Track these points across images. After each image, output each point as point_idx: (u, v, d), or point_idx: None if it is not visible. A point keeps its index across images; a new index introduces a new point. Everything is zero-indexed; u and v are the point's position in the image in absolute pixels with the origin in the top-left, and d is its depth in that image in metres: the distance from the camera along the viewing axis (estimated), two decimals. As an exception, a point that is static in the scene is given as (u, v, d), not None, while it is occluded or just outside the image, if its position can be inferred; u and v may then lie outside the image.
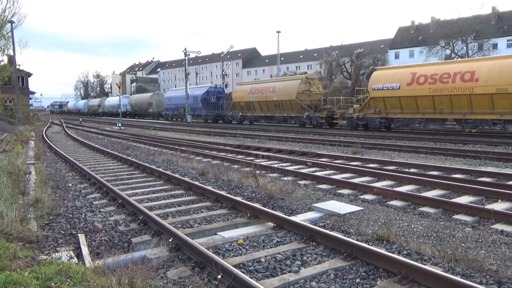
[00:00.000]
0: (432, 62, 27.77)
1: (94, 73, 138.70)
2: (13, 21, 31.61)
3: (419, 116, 21.47)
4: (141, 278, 3.58)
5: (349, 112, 26.00)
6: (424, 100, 20.93)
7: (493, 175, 9.07)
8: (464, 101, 19.37)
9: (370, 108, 23.91)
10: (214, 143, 17.87)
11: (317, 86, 30.86)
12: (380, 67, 31.61)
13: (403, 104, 22.04)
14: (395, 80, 22.36)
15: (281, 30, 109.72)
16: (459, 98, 19.45)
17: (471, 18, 47.15)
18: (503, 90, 17.78)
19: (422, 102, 21.09)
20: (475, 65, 19.45)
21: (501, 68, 18.24)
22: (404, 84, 21.72)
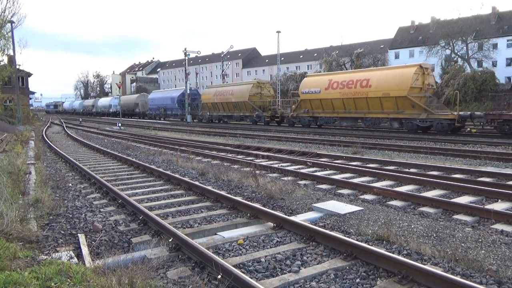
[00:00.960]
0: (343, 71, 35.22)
1: (94, 73, 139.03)
2: (13, 21, 31.65)
3: (335, 115, 26.60)
4: (141, 278, 3.58)
5: (287, 112, 31.28)
6: (337, 102, 25.82)
7: (493, 175, 9.07)
8: (363, 103, 24.16)
9: (301, 108, 28.99)
10: (214, 143, 17.88)
11: (268, 90, 35.93)
12: (309, 74, 37.65)
13: (323, 105, 26.97)
14: (317, 85, 27.33)
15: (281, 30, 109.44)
16: (360, 101, 24.28)
17: (471, 18, 47.18)
18: (387, 94, 22.66)
19: (336, 103, 25.99)
20: (369, 74, 24.70)
21: (386, 77, 23.13)
22: (323, 89, 26.63)
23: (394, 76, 22.75)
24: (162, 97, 48.47)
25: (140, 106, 54.08)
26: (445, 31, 47.16)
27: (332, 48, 61.16)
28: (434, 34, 53.50)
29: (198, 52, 47.06)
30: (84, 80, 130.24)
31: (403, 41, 66.73)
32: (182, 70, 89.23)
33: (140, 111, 53.26)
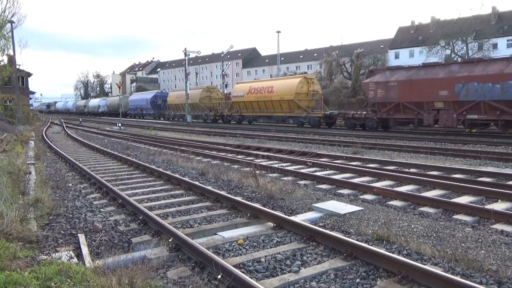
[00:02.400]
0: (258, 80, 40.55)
1: (94, 73, 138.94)
2: (13, 21, 31.62)
3: (255, 114, 34.46)
4: (141, 278, 3.58)
5: (224, 112, 38.51)
6: (254, 103, 33.65)
7: (493, 175, 9.07)
8: (270, 104, 32.06)
9: (233, 109, 36.83)
10: (214, 143, 17.88)
11: (216, 93, 43.77)
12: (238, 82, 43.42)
13: (247, 106, 34.70)
14: (242, 91, 35.07)
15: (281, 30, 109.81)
16: (268, 103, 32.18)
17: (471, 18, 47.17)
18: (283, 98, 30.20)
19: (254, 105, 33.84)
20: (273, 82, 33.03)
21: (282, 85, 31.06)
22: (245, 93, 34.30)
23: (286, 84, 30.83)
24: (139, 98, 56.17)
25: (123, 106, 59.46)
26: (445, 31, 47.15)
27: (332, 48, 61.14)
28: (434, 34, 53.50)
29: (198, 52, 47.12)
30: (84, 80, 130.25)
31: (403, 41, 66.74)
32: (182, 70, 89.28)
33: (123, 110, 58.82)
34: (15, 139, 19.90)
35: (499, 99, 17.91)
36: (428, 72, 21.11)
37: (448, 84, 19.69)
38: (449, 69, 20.42)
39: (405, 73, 22.44)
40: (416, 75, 21.59)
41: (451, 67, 20.62)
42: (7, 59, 35.30)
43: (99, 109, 69.70)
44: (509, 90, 17.50)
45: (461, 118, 19.52)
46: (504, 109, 17.89)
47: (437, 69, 21.00)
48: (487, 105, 18.43)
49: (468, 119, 19.28)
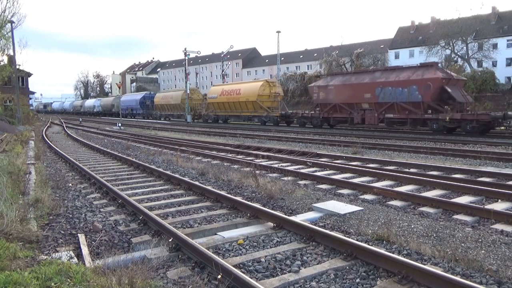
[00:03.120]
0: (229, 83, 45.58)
1: (94, 73, 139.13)
2: (13, 21, 31.64)
3: (227, 114, 38.37)
4: (141, 278, 3.58)
5: (202, 111, 42.47)
6: (226, 104, 37.64)
7: (493, 175, 9.07)
8: (238, 105, 36.02)
9: (209, 109, 41.05)
10: (214, 143, 17.88)
11: (197, 95, 47.87)
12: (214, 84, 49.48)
13: (220, 107, 38.63)
14: (216, 93, 39.01)
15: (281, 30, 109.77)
16: (236, 103, 36.13)
17: (471, 18, 47.14)
18: (248, 99, 34.29)
19: (225, 105, 37.84)
20: (240, 85, 37.49)
21: (247, 88, 35.47)
22: (218, 95, 38.29)
23: (250, 87, 35.18)
24: (129, 99, 60.89)
25: (115, 106, 62.75)
26: (445, 31, 47.11)
27: (332, 48, 61.11)
28: (434, 34, 53.44)
29: (198, 52, 47.20)
30: (84, 80, 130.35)
31: (403, 41, 66.73)
32: (182, 70, 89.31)
33: (115, 110, 62.34)
34: (15, 139, 19.90)
35: (407, 101, 21.63)
36: (357, 78, 24.95)
37: (371, 88, 23.29)
38: (373, 75, 24.17)
39: (341, 78, 26.49)
40: (348, 80, 25.41)
41: (374, 74, 24.41)
42: (7, 59, 35.36)
43: (95, 109, 74.09)
44: (413, 94, 21.29)
45: (381, 117, 23.15)
46: (411, 109, 21.60)
47: (364, 75, 24.91)
48: (399, 106, 22.08)
49: (386, 117, 22.93)
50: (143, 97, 56.17)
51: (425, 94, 20.66)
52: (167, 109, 49.70)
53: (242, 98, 35.07)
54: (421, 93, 20.85)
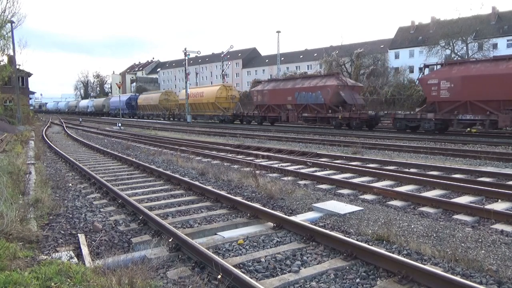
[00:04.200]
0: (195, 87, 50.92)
1: (94, 73, 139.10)
2: (13, 21, 31.62)
3: (198, 113, 43.17)
4: (141, 278, 3.58)
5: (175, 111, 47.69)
6: (193, 105, 42.98)
7: (493, 175, 9.07)
8: (201, 106, 41.85)
9: (181, 109, 46.44)
10: (214, 143, 17.88)
11: (174, 97, 52.56)
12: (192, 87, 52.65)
13: (191, 107, 43.32)
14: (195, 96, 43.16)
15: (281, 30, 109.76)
16: (200, 104, 41.86)
17: (471, 18, 47.15)
18: (209, 100, 40.06)
19: (193, 106, 42.95)
20: (203, 89, 43.52)
21: (207, 91, 41.31)
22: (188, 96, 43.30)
23: (210, 91, 41.08)
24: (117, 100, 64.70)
25: (106, 107, 68.80)
26: (445, 31, 47.13)
27: (332, 48, 61.09)
28: (434, 34, 53.47)
29: (198, 52, 47.18)
30: (84, 80, 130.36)
31: (403, 41, 66.75)
32: (182, 70, 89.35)
33: (106, 110, 68.57)
34: (15, 139, 19.90)
35: (315, 103, 27.56)
36: (284, 84, 31.43)
37: (292, 92, 29.39)
38: (294, 82, 30.77)
39: (273, 84, 32.71)
40: (277, 86, 31.68)
41: (295, 81, 31.02)
42: (7, 59, 35.30)
43: (88, 109, 79.78)
44: (319, 97, 27.15)
45: (299, 116, 29.20)
46: (318, 110, 27.62)
47: (288, 82, 31.75)
48: (310, 107, 28.04)
49: (303, 116, 29.06)
50: (128, 98, 62.19)
51: (326, 97, 26.69)
52: (148, 109, 55.99)
53: (204, 100, 41.21)
54: (323, 97, 26.83)
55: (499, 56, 21.16)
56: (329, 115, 26.73)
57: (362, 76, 47.00)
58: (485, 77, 18.66)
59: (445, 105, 20.40)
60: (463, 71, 19.89)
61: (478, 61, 21.31)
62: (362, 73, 47.55)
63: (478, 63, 20.46)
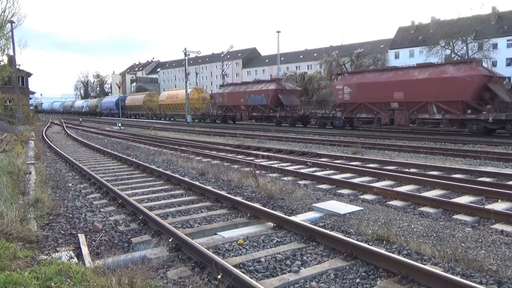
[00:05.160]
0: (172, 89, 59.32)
1: (94, 73, 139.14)
2: (13, 21, 31.61)
3: (174, 112, 49.31)
4: (141, 278, 3.58)
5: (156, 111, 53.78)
6: (170, 106, 49.46)
7: (493, 175, 9.07)
8: (177, 106, 48.06)
9: (161, 109, 52.82)
10: (214, 143, 17.87)
11: (156, 98, 56.95)
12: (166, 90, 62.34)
13: (167, 108, 50.70)
14: (164, 96, 51.80)
15: (281, 30, 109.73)
16: (175, 105, 48.35)
17: (471, 18, 47.14)
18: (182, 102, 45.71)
19: (170, 106, 49.66)
20: (178, 91, 49.49)
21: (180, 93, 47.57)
22: (166, 98, 50.87)
23: (183, 93, 46.13)
24: (108, 101, 71.55)
25: (99, 107, 74.50)
26: (445, 31, 47.11)
27: (332, 48, 61.10)
28: (434, 34, 53.47)
29: (198, 52, 47.22)
30: (84, 80, 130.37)
31: (403, 41, 66.76)
32: (182, 70, 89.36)
33: (98, 110, 74.40)
34: (15, 139, 19.89)
35: (260, 104, 33.40)
36: (239, 88, 37.13)
37: (244, 95, 35.06)
38: (246, 86, 36.65)
39: (231, 88, 38.71)
40: (234, 89, 37.54)
41: (247, 85, 36.87)
42: (7, 59, 35.31)
43: (83, 109, 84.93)
44: (263, 99, 32.97)
45: (250, 115, 35.10)
46: (263, 110, 33.39)
47: (242, 86, 37.48)
48: (258, 107, 33.98)
49: (252, 115, 34.92)
50: (118, 99, 66.74)
51: (268, 99, 32.31)
52: (134, 109, 61.85)
53: (179, 101, 47.12)
54: (266, 99, 32.47)
55: (385, 67, 30.05)
56: (271, 114, 32.54)
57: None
58: (372, 84, 23.71)
59: (348, 106, 25.49)
60: (359, 79, 25.03)
61: (371, 71, 26.99)
62: (362, 73, 47.46)
63: (370, 73, 25.81)
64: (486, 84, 19.58)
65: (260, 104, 33.32)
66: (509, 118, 18.16)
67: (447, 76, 20.16)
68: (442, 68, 21.06)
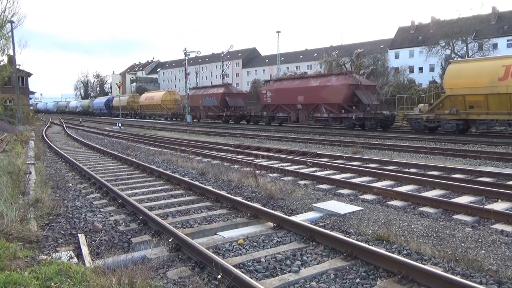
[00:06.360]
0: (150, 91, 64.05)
1: (94, 73, 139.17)
2: (13, 21, 31.64)
3: (151, 112, 54.43)
4: (141, 278, 3.58)
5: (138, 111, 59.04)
6: (148, 106, 54.66)
7: (493, 175, 9.07)
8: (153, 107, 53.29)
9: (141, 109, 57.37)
10: (214, 143, 17.88)
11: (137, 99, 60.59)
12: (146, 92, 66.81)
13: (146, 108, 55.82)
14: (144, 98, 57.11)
15: (281, 30, 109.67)
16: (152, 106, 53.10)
17: (471, 18, 47.15)
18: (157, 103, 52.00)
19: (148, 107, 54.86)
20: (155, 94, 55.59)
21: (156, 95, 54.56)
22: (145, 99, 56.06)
23: (158, 95, 53.48)
24: (99, 102, 76.86)
25: (91, 107, 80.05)
26: (445, 31, 47.12)
27: (332, 48, 61.06)
28: (434, 34, 53.48)
29: (198, 52, 47.24)
30: (84, 80, 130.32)
31: (403, 41, 66.74)
32: (182, 70, 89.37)
33: (90, 110, 79.88)
34: (15, 139, 19.89)
35: (213, 105, 40.19)
36: (199, 91, 44.29)
37: (202, 97, 41.80)
38: (204, 90, 43.86)
39: (194, 91, 45.58)
40: (195, 93, 44.47)
41: (205, 89, 44.23)
42: (7, 59, 35.33)
43: (77, 109, 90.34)
44: (215, 101, 39.74)
45: (206, 114, 42.02)
46: (215, 110, 40.19)
47: (201, 89, 45.21)
48: (211, 108, 40.72)
49: (208, 114, 41.85)
50: (107, 100, 72.58)
51: (218, 101, 39.13)
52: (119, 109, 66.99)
53: (154, 102, 52.90)
54: (217, 101, 39.20)
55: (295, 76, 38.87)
56: (220, 114, 39.35)
57: (362, 76, 46.89)
58: (285, 89, 30.44)
59: (270, 107, 32.28)
60: (277, 85, 31.96)
61: (286, 79, 34.70)
62: (362, 73, 47.44)
63: (285, 80, 33.12)
64: (354, 91, 25.66)
65: (213, 105, 40.35)
66: (366, 116, 24.33)
67: (330, 84, 26.65)
68: (328, 78, 27.82)
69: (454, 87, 19.78)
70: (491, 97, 18.32)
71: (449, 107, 20.32)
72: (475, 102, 19.15)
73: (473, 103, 19.26)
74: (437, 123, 21.35)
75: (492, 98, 18.35)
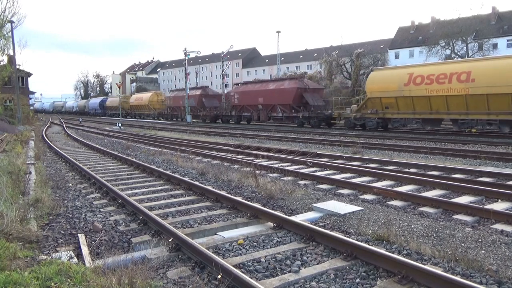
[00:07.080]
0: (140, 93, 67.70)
1: (94, 73, 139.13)
2: (13, 21, 31.64)
3: (140, 112, 59.53)
4: (141, 278, 3.58)
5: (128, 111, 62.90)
6: (138, 106, 59.86)
7: (493, 175, 9.07)
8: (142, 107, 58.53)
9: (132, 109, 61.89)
10: (214, 143, 17.88)
11: (128, 99, 64.89)
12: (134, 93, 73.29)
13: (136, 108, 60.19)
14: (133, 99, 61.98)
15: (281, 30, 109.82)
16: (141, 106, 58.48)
17: (471, 18, 47.12)
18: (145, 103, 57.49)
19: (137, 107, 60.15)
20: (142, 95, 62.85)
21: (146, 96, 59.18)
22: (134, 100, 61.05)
23: (146, 96, 57.99)
24: (94, 102, 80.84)
25: (86, 107, 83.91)
26: (445, 31, 47.10)
27: (332, 48, 61.01)
28: (434, 34, 53.48)
29: (198, 52, 47.25)
30: (84, 80, 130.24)
31: (403, 41, 66.70)
32: (182, 70, 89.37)
33: (86, 110, 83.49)
34: (15, 139, 19.89)
35: (192, 105, 44.57)
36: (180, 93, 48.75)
37: (183, 98, 45.93)
38: (183, 91, 47.12)
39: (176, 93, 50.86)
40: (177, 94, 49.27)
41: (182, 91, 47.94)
42: (7, 59, 35.31)
43: (73, 109, 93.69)
44: (193, 102, 44.36)
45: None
46: (193, 110, 44.51)
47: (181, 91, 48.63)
48: (193, 108, 44.60)
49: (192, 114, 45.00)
50: (101, 100, 76.84)
51: (195, 102, 44.21)
52: (112, 109, 69.41)
53: (142, 102, 57.42)
54: (195, 102, 44.26)
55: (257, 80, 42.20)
56: (198, 114, 44.35)
57: (362, 76, 46.87)
58: (249, 92, 35.43)
59: (237, 108, 37.27)
60: (243, 88, 37.15)
61: (250, 83, 39.75)
62: (362, 73, 47.44)
63: (250, 84, 38.25)
64: (302, 93, 30.13)
65: (192, 106, 44.72)
66: (310, 115, 28.90)
67: (283, 87, 31.49)
68: (282, 82, 33.22)
69: (373, 91, 23.50)
70: (399, 99, 22.24)
71: (371, 107, 24.23)
72: (389, 104, 22.97)
73: (387, 104, 23.09)
74: (363, 121, 24.82)
75: (400, 100, 22.25)
